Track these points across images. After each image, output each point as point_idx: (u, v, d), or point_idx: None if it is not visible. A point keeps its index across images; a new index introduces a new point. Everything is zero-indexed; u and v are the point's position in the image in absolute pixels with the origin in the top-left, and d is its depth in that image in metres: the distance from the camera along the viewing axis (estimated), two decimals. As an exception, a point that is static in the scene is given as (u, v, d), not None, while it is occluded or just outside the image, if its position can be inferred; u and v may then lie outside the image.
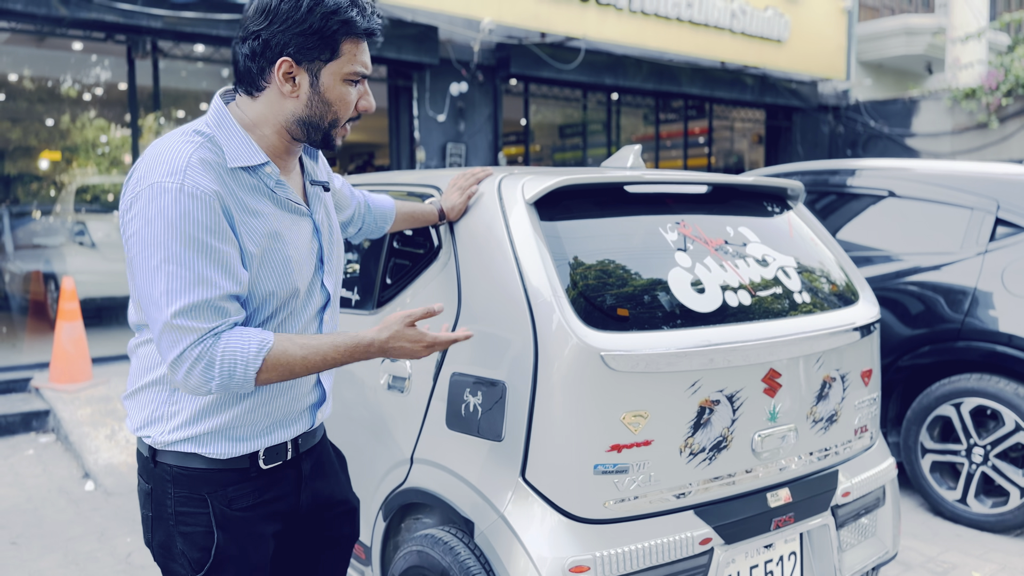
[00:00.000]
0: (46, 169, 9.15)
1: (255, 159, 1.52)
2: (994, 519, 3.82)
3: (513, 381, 2.03)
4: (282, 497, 1.69)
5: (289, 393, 1.65)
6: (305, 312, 1.66)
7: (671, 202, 2.42)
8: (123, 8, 6.37)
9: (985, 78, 10.79)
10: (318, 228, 1.68)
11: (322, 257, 1.69)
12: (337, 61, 1.54)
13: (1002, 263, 3.87)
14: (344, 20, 1.51)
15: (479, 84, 8.94)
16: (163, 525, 1.61)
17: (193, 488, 1.59)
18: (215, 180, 1.46)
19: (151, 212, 1.41)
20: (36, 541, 3.81)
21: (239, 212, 1.49)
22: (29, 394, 6.19)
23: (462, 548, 2.09)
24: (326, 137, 1.60)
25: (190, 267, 1.40)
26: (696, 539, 2.07)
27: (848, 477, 2.49)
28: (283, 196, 1.58)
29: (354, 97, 1.59)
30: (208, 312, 1.42)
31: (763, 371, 2.21)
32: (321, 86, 1.55)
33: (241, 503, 1.61)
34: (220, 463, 1.59)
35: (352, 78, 1.56)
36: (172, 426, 1.57)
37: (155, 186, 1.41)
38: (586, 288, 2.09)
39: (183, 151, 1.45)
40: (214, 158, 1.48)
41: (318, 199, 1.71)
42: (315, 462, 1.79)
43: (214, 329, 1.43)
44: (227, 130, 1.53)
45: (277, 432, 1.65)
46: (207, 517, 1.59)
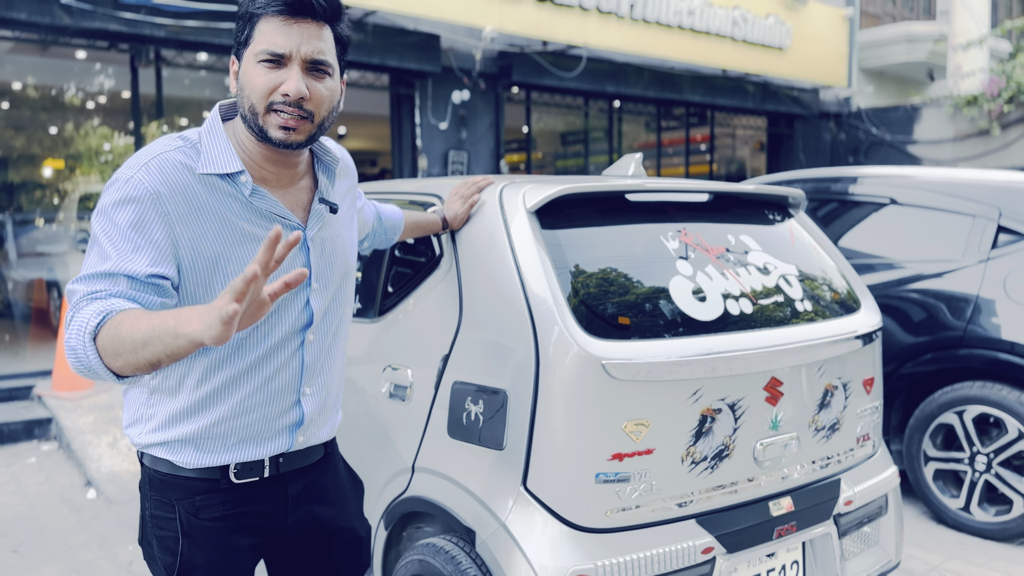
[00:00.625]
0: (49, 177, 9.18)
1: (228, 167, 1.49)
2: (997, 527, 3.81)
3: (514, 389, 2.03)
4: (261, 514, 1.64)
5: (260, 410, 1.59)
6: (278, 328, 1.58)
7: (672, 210, 2.43)
8: (127, 17, 6.40)
9: (987, 85, 10.79)
10: (307, 245, 1.61)
11: (310, 275, 1.61)
12: (252, 43, 1.47)
13: (1004, 270, 3.87)
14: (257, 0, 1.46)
15: (481, 92, 8.96)
16: (144, 525, 1.64)
17: (164, 493, 1.59)
18: (168, 182, 1.44)
19: (103, 199, 1.45)
20: (38, 549, 3.81)
21: (193, 213, 1.45)
22: (31, 402, 6.20)
23: (463, 557, 2.09)
24: (261, 132, 1.48)
25: (104, 246, 1.39)
26: (698, 548, 2.07)
27: (850, 486, 2.48)
28: (261, 206, 1.53)
29: (264, 79, 1.45)
30: (95, 282, 1.36)
31: (765, 379, 2.21)
32: (241, 72, 1.50)
33: (208, 513, 1.58)
34: (189, 471, 1.58)
35: (265, 58, 1.45)
36: (148, 428, 1.58)
37: (114, 177, 1.45)
38: (587, 296, 2.09)
39: (152, 152, 1.47)
40: (188, 161, 1.48)
41: (320, 217, 1.63)
42: (309, 484, 1.71)
43: (91, 294, 1.34)
44: (213, 137, 1.52)
45: (248, 448, 1.59)
46: (175, 523, 1.58)
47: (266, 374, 1.58)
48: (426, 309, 2.37)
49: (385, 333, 2.53)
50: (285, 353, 1.60)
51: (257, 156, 1.54)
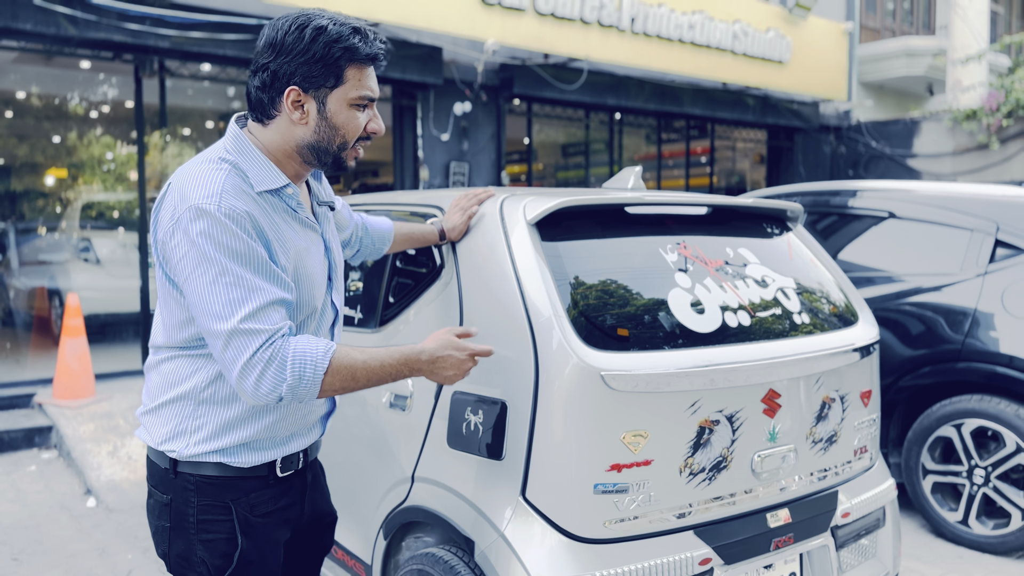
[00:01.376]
0: (52, 186, 9.22)
1: (278, 182, 1.60)
2: (996, 540, 3.81)
3: (514, 400, 2.05)
4: (292, 505, 1.77)
5: (307, 405, 1.72)
6: (321, 328, 1.74)
7: (671, 223, 2.45)
8: (132, 28, 6.45)
9: (986, 99, 10.84)
10: (328, 246, 1.75)
11: (330, 274, 1.76)
12: (342, 87, 1.59)
13: (1002, 284, 3.89)
14: (346, 47, 1.57)
15: (483, 104, 9.01)
16: (183, 535, 1.65)
17: (216, 496, 1.64)
18: (248, 203, 1.54)
19: (193, 232, 1.48)
20: (37, 557, 3.82)
21: (272, 232, 1.57)
22: (32, 410, 6.21)
23: (462, 567, 2.10)
24: (336, 160, 1.65)
25: (243, 278, 1.48)
26: (696, 559, 2.08)
27: (848, 498, 2.49)
28: (303, 216, 1.67)
29: (362, 121, 1.64)
30: (272, 315, 1.49)
31: (763, 391, 2.22)
32: (328, 112, 1.61)
33: (261, 509, 1.68)
34: (243, 471, 1.66)
35: (359, 103, 1.62)
36: (197, 439, 1.63)
37: (194, 208, 1.48)
38: (587, 308, 2.11)
39: (216, 177, 1.53)
40: (242, 184, 1.56)
41: (325, 218, 1.78)
42: (315, 473, 1.89)
43: (280, 330, 1.49)
44: (248, 156, 1.60)
45: (294, 442, 1.73)
46: (230, 524, 1.65)
47: None
48: (427, 319, 2.39)
49: (386, 343, 2.55)
50: None
51: (291, 172, 1.68)
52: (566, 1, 8.45)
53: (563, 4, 8.42)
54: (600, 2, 8.71)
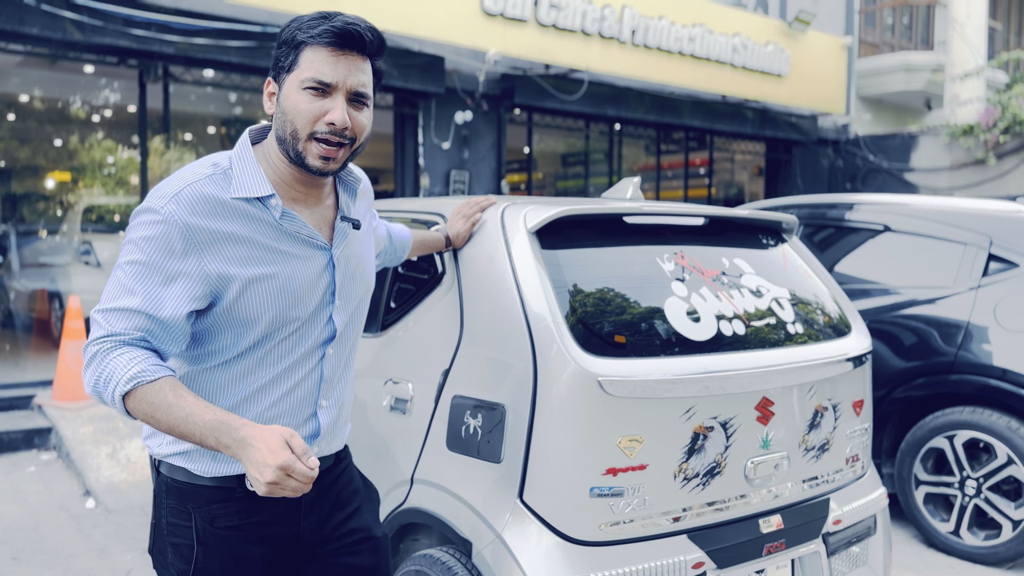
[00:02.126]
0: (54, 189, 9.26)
1: (257, 191, 1.53)
2: (986, 551, 3.85)
3: (513, 404, 2.09)
4: (274, 522, 1.66)
5: (279, 421, 1.63)
6: (303, 343, 1.63)
7: (669, 233, 2.50)
8: (137, 34, 6.51)
9: (983, 115, 10.93)
10: (333, 263, 1.65)
11: (334, 291, 1.66)
12: (297, 70, 1.51)
13: (995, 298, 3.94)
14: (304, 27, 1.51)
15: (483, 113, 9.07)
16: (159, 533, 1.66)
17: (181, 501, 1.62)
18: (203, 215, 1.48)
19: (131, 224, 1.51)
20: (37, 557, 3.84)
21: (222, 241, 1.50)
22: (32, 411, 6.24)
23: (460, 568, 2.14)
24: (298, 156, 1.53)
25: (131, 278, 1.46)
26: (689, 563, 2.12)
27: (839, 505, 2.53)
28: (290, 228, 1.58)
29: (309, 106, 1.50)
30: (122, 318, 1.45)
31: (756, 399, 2.27)
32: (282, 96, 1.54)
33: (224, 522, 1.61)
34: (206, 480, 1.60)
35: (310, 85, 1.50)
36: (167, 440, 1.61)
37: (145, 204, 1.50)
38: (585, 315, 2.16)
39: (182, 181, 1.51)
40: (218, 192, 1.51)
41: (344, 235, 1.67)
42: (323, 491, 1.74)
43: (118, 335, 1.44)
44: (243, 161, 1.56)
45: None
46: (191, 531, 1.61)
47: (287, 386, 1.63)
48: (428, 325, 2.44)
49: (387, 348, 2.59)
50: (306, 367, 1.65)
51: (288, 177, 1.59)
52: (567, 13, 8.52)
53: (564, 16, 8.50)
54: (601, 14, 8.79)
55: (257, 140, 1.65)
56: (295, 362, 1.63)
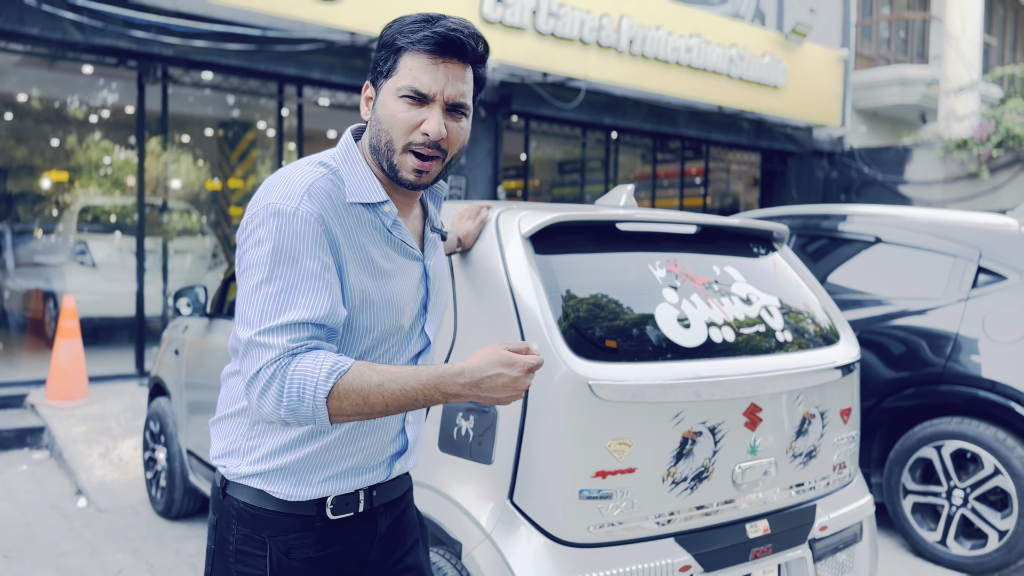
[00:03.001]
0: (50, 189, 9.27)
1: (374, 196, 1.47)
2: (972, 561, 3.89)
3: (504, 407, 2.12)
4: (350, 553, 1.57)
5: (371, 436, 1.55)
6: (402, 354, 1.58)
7: (661, 241, 2.53)
8: (137, 36, 6.54)
9: (977, 129, 11.01)
10: (428, 275, 1.60)
11: (426, 304, 1.61)
12: (394, 76, 1.44)
13: (983, 310, 3.98)
14: (403, 31, 1.44)
15: (481, 119, 9.12)
16: (223, 561, 1.55)
17: (255, 528, 1.51)
18: (328, 209, 1.42)
19: (262, 233, 1.39)
20: (28, 555, 3.85)
21: (348, 246, 1.45)
22: (24, 410, 6.24)
23: (449, 568, 2.16)
24: (391, 168, 1.46)
25: (286, 290, 1.36)
26: (675, 566, 2.15)
27: (826, 512, 2.56)
28: (398, 237, 1.52)
29: (406, 115, 1.42)
30: (295, 332, 1.35)
31: (744, 405, 2.30)
32: (378, 104, 1.47)
33: (300, 553, 1.51)
34: (284, 506, 1.51)
35: (407, 94, 1.42)
36: (249, 460, 1.52)
37: (270, 207, 1.39)
38: (577, 320, 2.19)
39: (304, 178, 1.43)
40: (334, 190, 1.44)
41: (434, 246, 1.63)
42: (396, 520, 1.66)
43: (293, 349, 1.34)
44: (352, 165, 1.49)
45: (349, 479, 1.54)
46: (265, 561, 1.50)
47: None
48: (422, 327, 2.46)
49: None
50: None
51: (388, 186, 1.52)
52: (566, 22, 8.58)
53: (563, 24, 8.56)
54: (599, 23, 8.85)
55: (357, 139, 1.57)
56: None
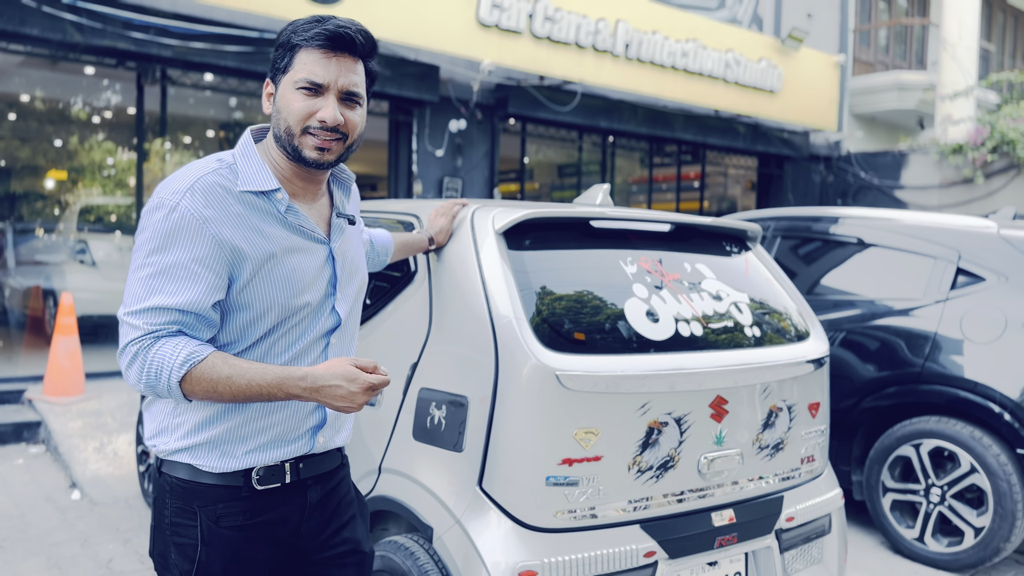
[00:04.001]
0: (51, 188, 9.37)
1: (265, 185, 1.61)
2: (949, 558, 3.95)
3: (475, 397, 2.19)
4: (281, 522, 1.69)
5: (285, 410, 1.67)
6: (312, 330, 1.69)
7: (634, 238, 2.60)
8: (136, 37, 6.63)
9: (972, 134, 11.07)
10: (333, 256, 1.73)
11: (335, 284, 1.73)
12: (291, 71, 1.60)
13: (961, 311, 4.05)
14: (298, 30, 1.61)
15: (477, 122, 9.20)
16: (162, 534, 1.67)
17: (186, 500, 1.63)
18: (215, 204, 1.55)
19: (145, 222, 1.56)
20: (21, 545, 3.93)
21: (242, 231, 1.57)
22: (22, 405, 6.31)
23: (422, 553, 2.23)
24: (295, 152, 1.62)
25: (156, 275, 1.51)
26: (640, 552, 2.21)
27: (793, 503, 2.63)
28: (294, 222, 1.65)
29: (304, 105, 1.59)
30: (155, 316, 1.50)
31: (711, 397, 2.37)
32: (278, 96, 1.63)
33: (229, 521, 1.62)
34: (212, 478, 1.62)
35: (303, 85, 1.59)
36: (175, 437, 1.64)
37: (156, 200, 1.55)
38: (547, 313, 2.26)
39: (193, 175, 1.57)
40: (226, 181, 1.59)
41: (340, 230, 1.76)
42: (327, 494, 1.78)
43: (154, 332, 1.50)
44: (247, 158, 1.64)
45: (271, 451, 1.66)
46: (196, 530, 1.62)
47: None
48: (399, 320, 2.54)
49: (362, 342, 2.69)
50: (312, 355, 1.71)
51: (289, 173, 1.68)
52: (562, 26, 8.66)
53: (559, 28, 8.64)
54: (595, 28, 8.93)
55: (258, 139, 1.72)
56: (303, 350, 1.69)
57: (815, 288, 4.68)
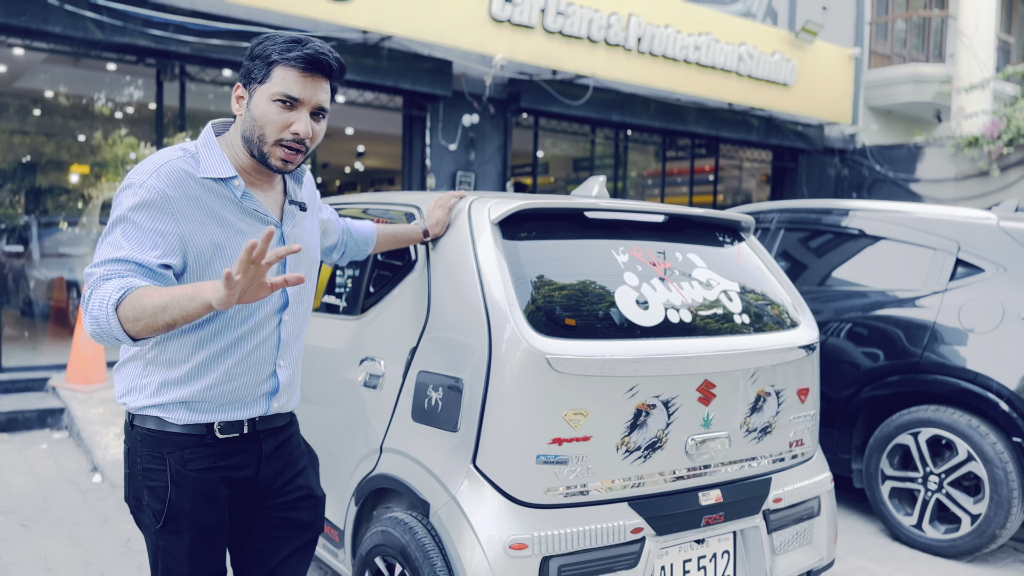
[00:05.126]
0: (74, 182, 9.58)
1: (223, 173, 1.80)
2: (946, 544, 4.01)
3: (470, 379, 2.30)
4: (240, 467, 1.91)
5: (243, 378, 1.88)
6: (261, 308, 1.87)
7: (627, 229, 2.70)
8: (155, 34, 6.79)
9: (988, 127, 11.02)
10: (284, 238, 1.93)
11: (284, 264, 1.91)
12: (267, 84, 1.78)
13: (959, 301, 4.10)
14: (276, 48, 1.78)
15: (490, 116, 9.29)
16: (135, 480, 1.88)
17: (156, 448, 1.84)
18: (177, 187, 1.74)
19: (117, 199, 1.75)
20: (44, 524, 4.09)
21: (198, 209, 1.76)
22: (46, 393, 6.52)
23: (419, 527, 2.35)
24: (262, 155, 1.81)
25: (119, 238, 1.69)
26: (627, 528, 2.31)
27: (781, 485, 2.72)
28: (248, 206, 1.85)
29: (279, 118, 1.77)
30: (111, 266, 1.66)
31: (698, 381, 2.46)
32: (252, 104, 1.81)
33: (195, 464, 1.85)
34: (180, 428, 1.84)
35: (279, 98, 1.77)
36: (144, 395, 1.84)
37: (127, 183, 1.75)
38: (539, 300, 2.36)
39: (160, 160, 1.77)
40: (188, 168, 1.78)
41: (291, 216, 1.96)
42: (279, 446, 2.00)
43: (107, 276, 1.65)
44: (208, 148, 1.84)
45: (232, 411, 1.88)
46: (165, 473, 1.83)
47: (248, 348, 1.88)
48: (400, 307, 2.65)
49: (364, 329, 2.81)
50: (266, 330, 1.91)
51: (248, 166, 1.88)
52: (574, 20, 8.73)
53: (571, 23, 8.71)
54: (607, 22, 8.99)
55: (220, 132, 1.91)
56: (255, 325, 1.88)
57: (817, 279, 4.75)
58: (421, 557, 2.29)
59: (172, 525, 1.85)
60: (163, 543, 1.87)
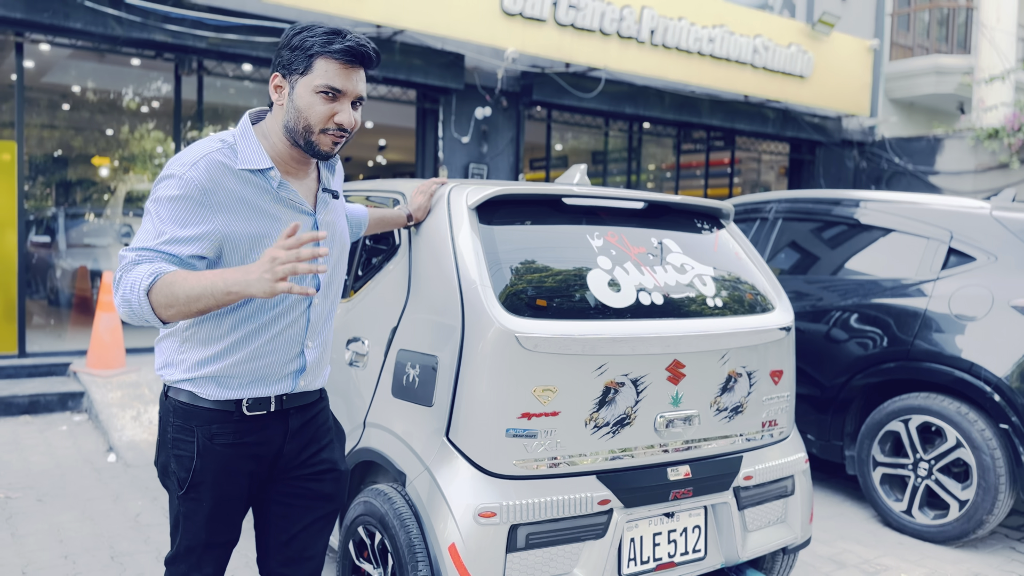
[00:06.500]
0: (98, 175, 9.83)
1: (260, 164, 1.87)
2: (935, 530, 4.06)
3: (444, 357, 2.41)
4: (265, 443, 1.98)
5: (272, 356, 1.94)
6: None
7: (604, 215, 2.79)
8: (172, 29, 6.97)
9: (1008, 119, 10.91)
10: (317, 225, 1.99)
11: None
12: (309, 75, 1.84)
13: (950, 290, 4.14)
14: (317, 40, 1.84)
15: (503, 109, 9.39)
16: (164, 447, 1.98)
17: (186, 420, 1.93)
18: (216, 175, 1.81)
19: (158, 190, 1.83)
20: (59, 500, 4.28)
21: (236, 200, 1.83)
22: (68, 377, 6.75)
23: (397, 497, 2.47)
24: (308, 144, 1.87)
25: (156, 224, 1.78)
26: (595, 499, 2.41)
27: (752, 463, 2.80)
28: (284, 196, 1.91)
29: (323, 108, 1.85)
30: (144, 252, 1.75)
31: (667, 361, 2.55)
32: (295, 95, 1.86)
33: (221, 439, 1.92)
34: (209, 403, 1.91)
35: (322, 90, 1.83)
36: (180, 369, 1.93)
37: (168, 173, 1.82)
38: (513, 281, 2.46)
39: (199, 152, 1.83)
40: (227, 161, 1.84)
41: (324, 203, 2.02)
42: (306, 422, 2.05)
43: (139, 260, 1.74)
44: (246, 139, 1.90)
45: (260, 387, 1.94)
46: (193, 445, 1.92)
47: (279, 328, 1.94)
48: (383, 289, 2.77)
49: (351, 310, 2.93)
50: (296, 312, 1.97)
51: (285, 155, 1.94)
52: (586, 13, 8.79)
53: (583, 16, 8.77)
54: (620, 15, 9.04)
55: (255, 121, 1.97)
56: (287, 307, 1.95)
57: (812, 268, 4.80)
58: (398, 525, 2.41)
59: (193, 493, 1.94)
60: (184, 508, 1.97)
